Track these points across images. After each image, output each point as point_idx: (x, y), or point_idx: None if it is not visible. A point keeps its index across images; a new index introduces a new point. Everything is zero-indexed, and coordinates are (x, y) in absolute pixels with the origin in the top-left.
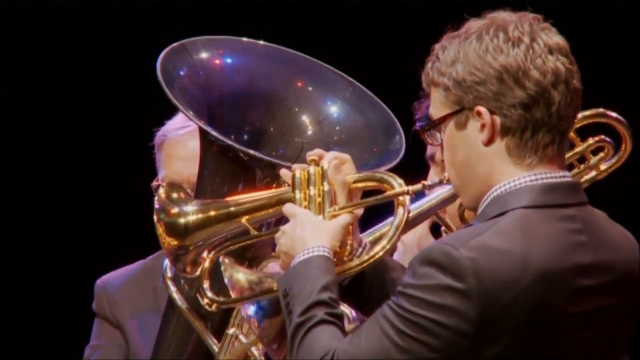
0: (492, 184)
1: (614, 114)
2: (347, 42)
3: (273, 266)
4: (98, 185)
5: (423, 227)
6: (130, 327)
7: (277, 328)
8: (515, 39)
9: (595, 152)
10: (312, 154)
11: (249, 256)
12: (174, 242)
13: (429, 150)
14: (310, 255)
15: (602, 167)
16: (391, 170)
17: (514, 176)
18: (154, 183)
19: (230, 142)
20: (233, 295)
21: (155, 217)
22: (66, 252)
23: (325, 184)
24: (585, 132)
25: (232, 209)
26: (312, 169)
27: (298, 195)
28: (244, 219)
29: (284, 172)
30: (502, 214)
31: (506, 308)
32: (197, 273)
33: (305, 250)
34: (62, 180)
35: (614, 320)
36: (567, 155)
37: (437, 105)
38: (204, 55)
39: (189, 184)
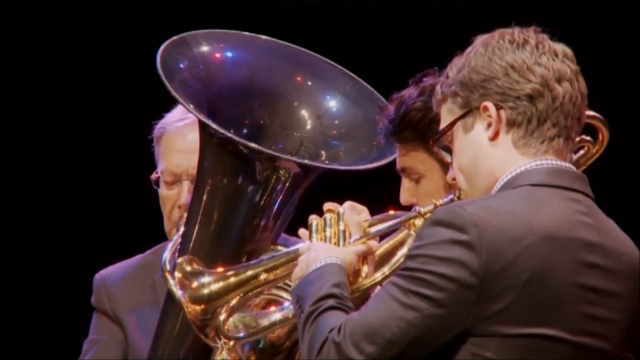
0: (498, 176)
1: (590, 112)
2: (346, 37)
3: None
4: (97, 178)
5: None
6: (129, 322)
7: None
8: (521, 41)
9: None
10: (328, 205)
11: (248, 249)
12: (199, 308)
13: (398, 164)
14: (323, 264)
15: (582, 160)
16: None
17: (520, 163)
18: (153, 176)
19: (230, 135)
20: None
21: (178, 296)
22: (65, 246)
23: (341, 224)
24: None
25: (251, 271)
26: (328, 216)
27: (315, 237)
28: (262, 277)
29: (302, 232)
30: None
31: (509, 264)
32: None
33: (318, 261)
34: (60, 174)
35: (621, 310)
36: None
37: (445, 117)
38: (204, 48)
39: (189, 176)
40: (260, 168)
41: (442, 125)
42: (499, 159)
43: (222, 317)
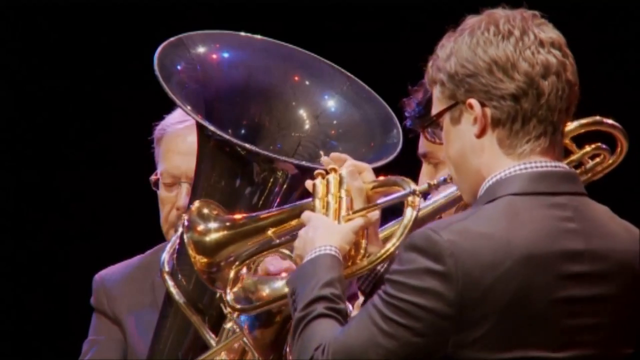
0: (484, 176)
1: (609, 121)
2: (345, 37)
3: (270, 260)
4: (97, 179)
5: None
6: (129, 322)
7: (270, 338)
8: (506, 32)
9: (592, 159)
10: (332, 160)
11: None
12: (204, 260)
13: (421, 148)
14: (317, 254)
15: (598, 168)
16: (388, 165)
17: (505, 166)
18: (153, 177)
19: (227, 137)
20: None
21: (185, 236)
22: (65, 246)
23: (343, 190)
24: (581, 140)
25: (260, 223)
26: (330, 177)
27: (317, 202)
28: (270, 232)
29: (308, 183)
30: (491, 201)
31: (487, 290)
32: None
33: (313, 250)
34: (60, 175)
35: (609, 311)
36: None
37: (435, 103)
38: (201, 49)
39: (188, 179)
40: (258, 169)
41: (433, 109)
42: (485, 158)
43: (228, 288)
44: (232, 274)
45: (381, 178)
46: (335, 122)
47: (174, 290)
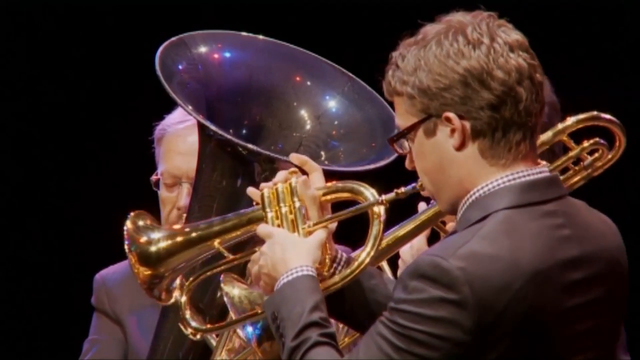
0: (468, 188)
1: (607, 116)
2: (346, 37)
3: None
4: (97, 179)
5: (420, 240)
6: (129, 322)
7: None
8: (475, 41)
9: (590, 154)
10: (292, 160)
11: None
12: (147, 272)
13: None
14: (295, 276)
15: (598, 164)
16: (389, 165)
17: (491, 177)
18: (154, 177)
19: (228, 137)
20: (231, 311)
21: (126, 249)
22: (65, 246)
23: (296, 199)
24: (579, 136)
25: (201, 232)
26: (280, 186)
27: (270, 214)
28: (216, 242)
29: (251, 191)
30: (485, 217)
31: (501, 313)
32: (172, 300)
33: (289, 271)
34: (61, 174)
35: (604, 311)
36: (562, 159)
37: (403, 115)
38: (202, 49)
39: (188, 179)
40: (259, 169)
41: (399, 120)
42: (466, 169)
43: (187, 313)
44: (185, 293)
45: (333, 183)
46: (336, 122)
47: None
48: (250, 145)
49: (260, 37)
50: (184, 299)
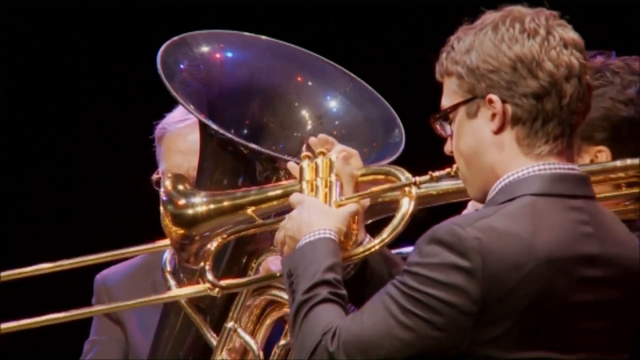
0: (499, 174)
1: None
2: (347, 37)
3: (272, 260)
4: (98, 178)
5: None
6: (130, 322)
7: None
8: (531, 31)
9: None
10: (320, 142)
11: (249, 249)
12: (180, 232)
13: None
14: (316, 237)
15: None
16: (392, 163)
17: (523, 165)
18: (154, 176)
19: (230, 136)
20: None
21: (162, 208)
22: (65, 246)
23: (333, 175)
24: None
25: (239, 200)
26: (319, 160)
27: (305, 185)
28: (250, 210)
29: (291, 165)
30: (511, 200)
31: (510, 291)
32: (201, 264)
33: (312, 232)
34: (61, 174)
35: (616, 315)
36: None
37: (449, 94)
38: (204, 49)
39: (189, 177)
40: (261, 169)
41: (445, 100)
42: (501, 156)
43: (207, 264)
44: (212, 248)
45: (373, 166)
46: (338, 122)
47: (175, 289)
48: (251, 145)
49: (262, 37)
50: (212, 249)
